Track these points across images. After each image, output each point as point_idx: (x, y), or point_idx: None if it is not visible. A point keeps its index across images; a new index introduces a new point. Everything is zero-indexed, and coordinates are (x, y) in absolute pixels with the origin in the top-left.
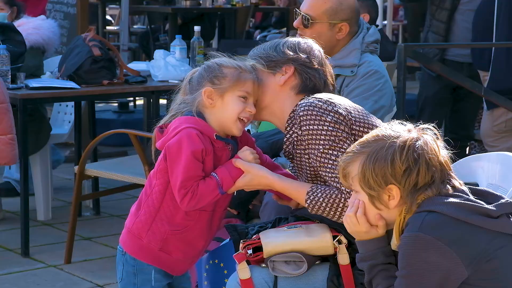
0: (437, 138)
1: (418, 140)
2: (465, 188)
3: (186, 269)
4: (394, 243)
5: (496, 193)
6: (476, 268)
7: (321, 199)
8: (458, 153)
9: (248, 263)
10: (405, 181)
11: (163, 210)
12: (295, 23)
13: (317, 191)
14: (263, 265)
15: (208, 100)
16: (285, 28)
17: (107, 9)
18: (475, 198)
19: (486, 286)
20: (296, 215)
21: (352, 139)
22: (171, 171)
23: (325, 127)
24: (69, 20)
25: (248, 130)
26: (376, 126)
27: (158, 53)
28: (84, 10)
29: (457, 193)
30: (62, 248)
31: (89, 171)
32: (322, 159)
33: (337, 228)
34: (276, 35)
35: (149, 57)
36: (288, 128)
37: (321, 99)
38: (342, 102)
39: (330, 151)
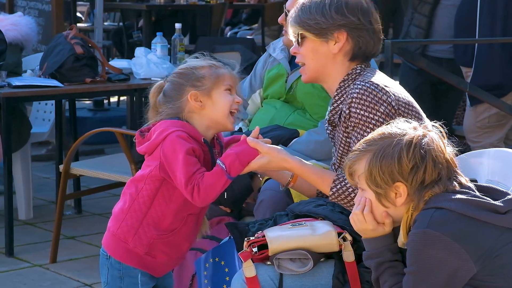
0: (443, 136)
1: (424, 138)
2: (471, 185)
3: (169, 270)
4: (401, 240)
5: (501, 189)
6: (485, 264)
7: (350, 189)
8: None
9: (252, 261)
10: (412, 179)
11: (150, 215)
12: (279, 20)
13: (346, 181)
14: (268, 262)
15: (196, 103)
16: (256, 25)
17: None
18: (481, 195)
19: (494, 281)
20: (295, 212)
21: None
22: (173, 175)
23: (376, 117)
24: (44, 17)
25: (240, 128)
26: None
27: (139, 51)
28: (60, 7)
29: (464, 190)
30: (46, 248)
31: (74, 169)
32: None
33: (341, 225)
34: (246, 32)
35: (122, 55)
36: (337, 98)
37: (378, 85)
38: (394, 90)
39: None
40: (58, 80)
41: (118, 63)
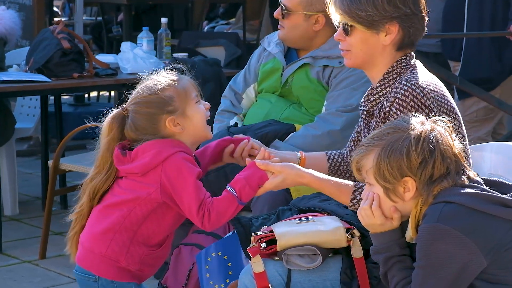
0: (450, 130)
1: (432, 132)
2: (479, 179)
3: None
4: (409, 235)
5: (509, 183)
6: (495, 258)
7: None
8: None
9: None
10: (421, 173)
11: (140, 233)
12: (275, 14)
13: None
14: (276, 258)
15: (176, 128)
16: (233, 19)
17: None
18: (489, 189)
19: (504, 275)
20: (299, 207)
21: None
22: (180, 200)
23: None
24: (24, 12)
25: (236, 123)
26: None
27: (125, 45)
28: (40, 1)
29: (472, 184)
30: (34, 243)
31: (63, 165)
32: None
33: (348, 220)
34: (224, 27)
35: (101, 49)
36: (379, 89)
37: (423, 89)
38: (436, 92)
39: None
40: (45, 75)
41: (104, 58)
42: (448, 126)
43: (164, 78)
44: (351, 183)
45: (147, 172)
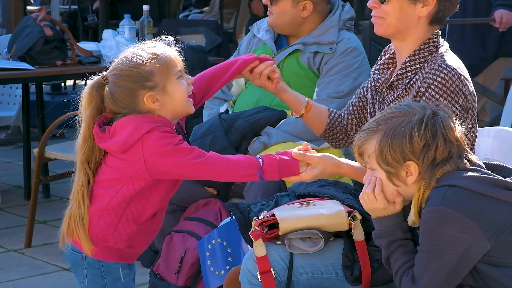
0: (450, 115)
1: (434, 116)
2: (480, 163)
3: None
4: (412, 219)
5: (509, 166)
6: (498, 241)
7: None
8: None
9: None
10: (424, 157)
11: (130, 211)
12: (264, 0)
13: None
14: (278, 242)
15: (155, 104)
16: (207, 8)
17: None
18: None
19: (507, 258)
20: (298, 193)
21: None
22: (172, 170)
23: (453, 109)
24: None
25: (227, 110)
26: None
27: (107, 33)
28: None
29: (475, 168)
30: (19, 232)
31: (48, 153)
32: None
33: (350, 204)
34: (198, 15)
35: (77, 38)
36: (408, 64)
37: (460, 75)
38: (468, 78)
39: None
40: (27, 63)
41: (84, 45)
42: (449, 111)
43: (147, 51)
44: None
45: (127, 150)
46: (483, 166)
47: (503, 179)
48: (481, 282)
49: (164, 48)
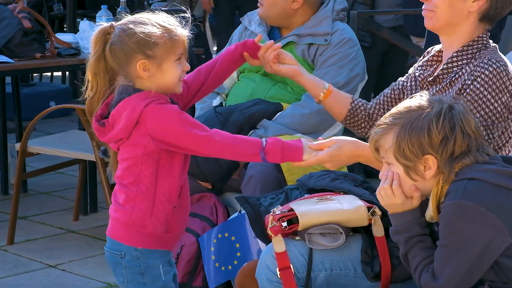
0: (467, 109)
1: (452, 109)
2: (498, 156)
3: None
4: (430, 214)
5: None
6: None
7: None
8: None
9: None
10: (442, 151)
11: (160, 191)
12: None
13: None
14: (297, 238)
15: (145, 73)
16: None
17: None
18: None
19: None
20: (309, 186)
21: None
22: (179, 140)
23: (496, 105)
24: None
25: (221, 103)
26: None
27: (84, 24)
28: None
29: (493, 161)
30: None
31: (31, 148)
32: None
33: (368, 199)
34: (161, 4)
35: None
36: (454, 59)
37: (509, 73)
38: None
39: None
40: (6, 56)
41: (63, 37)
42: (465, 103)
43: (162, 23)
44: None
45: (131, 133)
46: (501, 159)
47: None
48: (503, 276)
49: (179, 27)
